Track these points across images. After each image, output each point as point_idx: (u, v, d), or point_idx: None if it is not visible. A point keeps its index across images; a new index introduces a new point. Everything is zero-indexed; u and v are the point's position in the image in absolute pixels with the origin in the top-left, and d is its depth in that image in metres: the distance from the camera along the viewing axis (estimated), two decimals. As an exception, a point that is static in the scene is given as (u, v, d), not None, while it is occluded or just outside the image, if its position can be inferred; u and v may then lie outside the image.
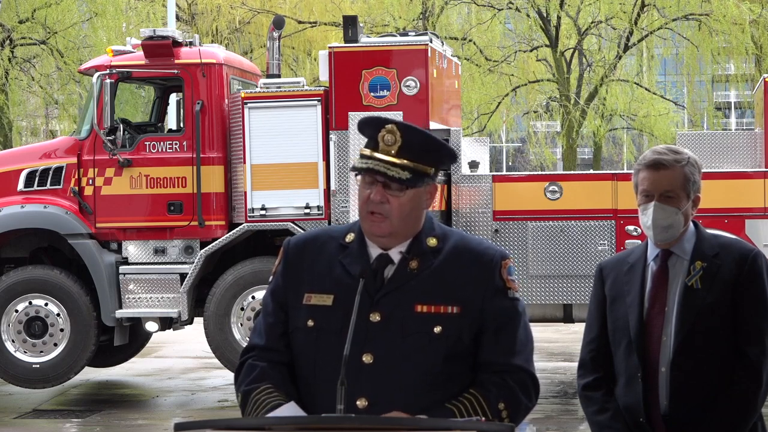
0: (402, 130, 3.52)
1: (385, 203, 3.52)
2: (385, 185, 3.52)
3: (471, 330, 3.54)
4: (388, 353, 3.50)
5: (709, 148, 13.33)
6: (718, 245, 4.15)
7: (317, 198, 12.35)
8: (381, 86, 12.29)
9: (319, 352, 3.56)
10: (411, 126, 3.56)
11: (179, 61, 12.63)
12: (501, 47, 27.08)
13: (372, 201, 3.52)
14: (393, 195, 3.52)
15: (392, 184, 3.51)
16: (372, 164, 3.51)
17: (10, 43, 25.91)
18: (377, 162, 3.51)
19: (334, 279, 3.59)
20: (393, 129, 3.52)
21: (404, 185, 3.51)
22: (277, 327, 3.66)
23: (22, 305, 12.59)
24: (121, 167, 12.49)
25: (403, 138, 3.52)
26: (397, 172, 3.50)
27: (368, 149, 3.54)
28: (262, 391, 3.55)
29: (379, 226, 3.54)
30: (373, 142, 3.54)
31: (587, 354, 4.25)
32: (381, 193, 3.52)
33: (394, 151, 3.51)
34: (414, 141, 3.53)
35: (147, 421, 11.61)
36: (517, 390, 3.52)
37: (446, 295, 3.54)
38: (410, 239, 3.59)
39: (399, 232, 3.56)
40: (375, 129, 3.54)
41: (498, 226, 12.41)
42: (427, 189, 3.58)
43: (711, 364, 4.06)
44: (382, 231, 3.54)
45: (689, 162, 4.11)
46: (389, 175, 3.50)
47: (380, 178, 3.51)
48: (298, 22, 26.97)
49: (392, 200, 3.52)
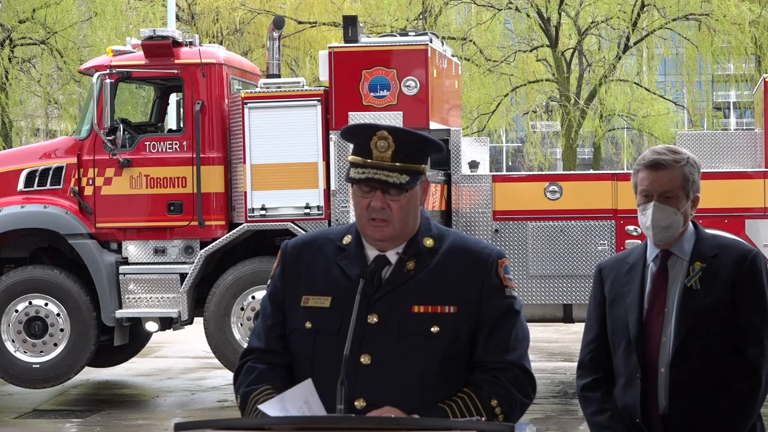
0: (394, 135, 3.52)
1: (386, 209, 3.53)
2: (383, 191, 3.52)
3: (468, 330, 3.55)
4: (385, 354, 3.51)
5: (709, 148, 13.33)
6: (717, 245, 4.15)
7: (317, 198, 12.35)
8: (381, 86, 12.29)
9: (318, 354, 3.57)
10: (401, 129, 3.56)
11: (179, 61, 12.63)
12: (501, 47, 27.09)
13: (373, 209, 3.53)
14: (393, 200, 3.53)
15: (391, 190, 3.52)
16: (371, 173, 3.51)
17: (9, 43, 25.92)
18: (375, 171, 3.51)
19: (331, 281, 3.60)
20: (385, 135, 3.52)
21: (404, 189, 3.52)
22: (275, 329, 3.68)
23: (22, 305, 12.59)
24: (121, 167, 12.49)
25: (396, 142, 3.52)
26: (396, 177, 3.51)
27: (360, 157, 3.54)
28: (261, 392, 3.56)
29: (382, 230, 3.55)
30: (365, 149, 3.53)
31: (586, 354, 4.25)
32: (381, 200, 3.53)
33: (388, 156, 3.52)
34: (406, 143, 3.53)
35: (147, 421, 11.61)
36: (510, 387, 3.53)
37: (443, 295, 3.55)
38: (407, 240, 3.60)
39: (400, 234, 3.57)
40: (366, 137, 3.54)
41: (498, 226, 12.41)
42: (421, 187, 3.59)
43: (710, 364, 4.05)
44: (384, 235, 3.56)
45: (688, 162, 4.11)
46: (390, 182, 3.50)
47: (379, 186, 3.52)
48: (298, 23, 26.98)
49: (393, 205, 3.53)
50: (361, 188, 3.55)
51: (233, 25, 27.63)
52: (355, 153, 3.56)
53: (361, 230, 3.60)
